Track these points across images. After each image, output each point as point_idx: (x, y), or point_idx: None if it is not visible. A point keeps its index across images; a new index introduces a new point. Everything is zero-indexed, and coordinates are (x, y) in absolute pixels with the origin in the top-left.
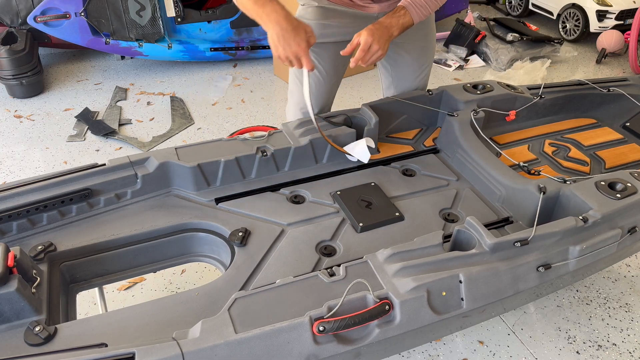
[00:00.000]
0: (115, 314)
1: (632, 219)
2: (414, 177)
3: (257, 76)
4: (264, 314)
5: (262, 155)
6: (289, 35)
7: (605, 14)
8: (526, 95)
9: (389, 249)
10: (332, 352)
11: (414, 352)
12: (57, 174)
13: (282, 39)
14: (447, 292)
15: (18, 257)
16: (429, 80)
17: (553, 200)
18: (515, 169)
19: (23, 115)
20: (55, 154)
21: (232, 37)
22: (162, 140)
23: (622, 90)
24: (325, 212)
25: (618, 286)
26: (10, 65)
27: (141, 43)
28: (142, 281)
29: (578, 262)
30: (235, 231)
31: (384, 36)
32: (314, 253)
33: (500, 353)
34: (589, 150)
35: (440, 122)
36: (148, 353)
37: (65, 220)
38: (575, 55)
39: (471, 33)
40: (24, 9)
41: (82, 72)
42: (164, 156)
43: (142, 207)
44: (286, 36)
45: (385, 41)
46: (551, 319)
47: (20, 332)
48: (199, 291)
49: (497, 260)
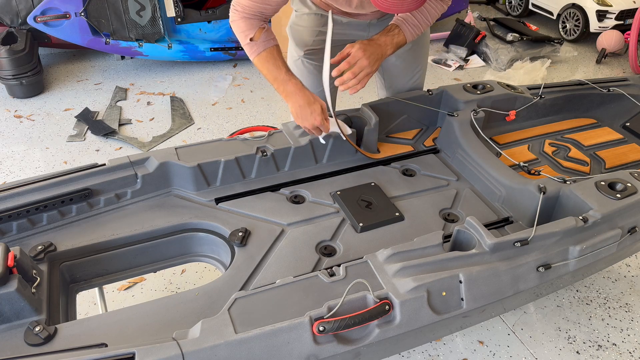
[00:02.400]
0: (115, 314)
1: (632, 219)
2: (414, 177)
3: (257, 76)
4: (264, 314)
5: (262, 155)
6: (307, 111)
7: (605, 14)
8: (526, 95)
9: (389, 249)
10: (332, 352)
11: (414, 352)
12: (57, 174)
13: (301, 113)
14: (447, 292)
15: (18, 257)
16: (429, 81)
17: (553, 200)
18: (515, 169)
19: (23, 115)
20: (55, 154)
21: (232, 37)
22: (162, 140)
23: (622, 90)
24: (325, 212)
25: (618, 286)
26: (10, 65)
27: (141, 43)
28: (142, 281)
29: (578, 262)
30: (235, 231)
31: (376, 54)
32: (314, 253)
33: (500, 353)
34: (589, 150)
35: (440, 122)
36: (148, 353)
37: (65, 220)
38: (575, 55)
39: (471, 33)
40: (24, 9)
41: (82, 72)
42: (164, 156)
43: (142, 207)
44: (304, 112)
45: (376, 59)
46: (551, 319)
47: (20, 332)
48: (199, 291)
49: (497, 260)
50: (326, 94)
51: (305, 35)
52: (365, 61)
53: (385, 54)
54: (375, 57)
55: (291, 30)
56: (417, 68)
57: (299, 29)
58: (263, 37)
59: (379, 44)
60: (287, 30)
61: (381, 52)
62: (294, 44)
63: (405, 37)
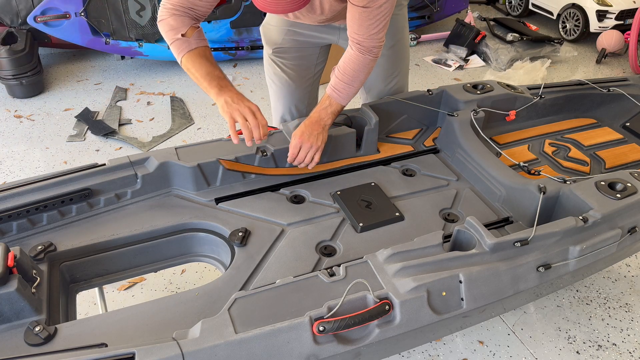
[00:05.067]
0: (115, 314)
1: (632, 219)
2: (414, 177)
3: (257, 76)
4: (264, 314)
5: (262, 155)
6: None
7: (605, 14)
8: (526, 95)
9: (389, 249)
10: (332, 352)
11: (414, 352)
12: (57, 174)
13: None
14: (447, 292)
15: (18, 257)
16: (429, 80)
17: (553, 200)
18: (515, 169)
19: (23, 115)
20: (55, 154)
21: (232, 37)
22: (162, 140)
23: (622, 90)
24: (325, 212)
25: (618, 286)
26: (10, 65)
27: (141, 43)
28: (142, 281)
29: (578, 262)
30: (235, 231)
31: (314, 132)
32: (314, 253)
33: (500, 353)
34: (589, 150)
35: (440, 122)
36: (148, 353)
37: (65, 220)
38: (575, 55)
39: (471, 33)
40: (24, 9)
41: (82, 72)
42: (164, 156)
43: (142, 207)
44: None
45: (316, 135)
46: (551, 319)
47: (20, 332)
48: (199, 291)
49: (497, 260)
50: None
51: (275, 33)
52: (308, 143)
53: (327, 125)
54: (316, 134)
55: (263, 28)
56: (395, 73)
57: (269, 28)
58: (196, 35)
59: (316, 121)
60: (260, 29)
61: (320, 126)
62: (265, 42)
63: (340, 103)
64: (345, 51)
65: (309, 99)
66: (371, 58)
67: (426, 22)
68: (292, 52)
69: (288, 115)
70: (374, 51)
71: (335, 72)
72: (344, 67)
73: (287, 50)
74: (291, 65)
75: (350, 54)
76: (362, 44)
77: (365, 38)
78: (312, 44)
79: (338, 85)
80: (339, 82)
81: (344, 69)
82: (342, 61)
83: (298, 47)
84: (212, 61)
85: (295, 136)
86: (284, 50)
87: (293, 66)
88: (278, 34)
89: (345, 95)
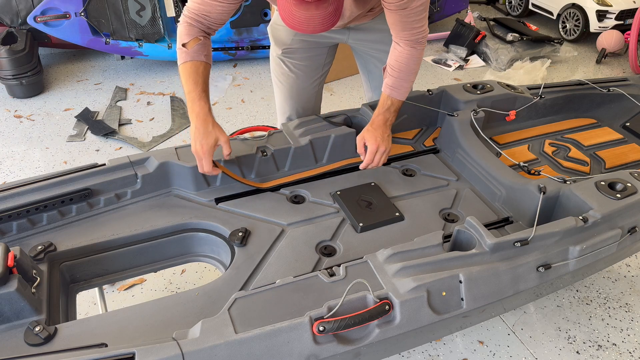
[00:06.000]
0: (115, 314)
1: (632, 219)
2: (414, 177)
3: (257, 76)
4: (264, 314)
5: (262, 155)
6: (199, 137)
7: (605, 14)
8: (526, 95)
9: (389, 249)
10: (332, 352)
11: (414, 352)
12: (57, 174)
13: (194, 136)
14: (447, 292)
15: (18, 257)
16: (429, 80)
17: (553, 200)
18: (515, 169)
19: (23, 115)
20: (55, 154)
21: (232, 37)
22: (162, 140)
23: (622, 90)
24: (325, 212)
25: (618, 286)
26: (10, 65)
27: (141, 43)
28: (142, 281)
29: (578, 262)
30: (235, 231)
31: (385, 134)
32: (314, 253)
33: (500, 353)
34: (589, 150)
35: (440, 122)
36: (148, 353)
37: (65, 220)
38: (575, 55)
39: (471, 33)
40: (24, 9)
41: (82, 72)
42: (164, 156)
43: (142, 207)
44: (197, 136)
45: (387, 138)
46: (551, 319)
47: (20, 332)
48: (199, 291)
49: (497, 260)
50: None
51: (284, 34)
52: (382, 147)
53: (391, 123)
54: (387, 136)
55: (271, 29)
56: None
57: (278, 28)
58: (195, 48)
59: (383, 123)
60: (267, 29)
61: (389, 128)
62: (274, 43)
63: (399, 99)
64: (392, 49)
65: (315, 98)
66: (421, 48)
67: None
68: (301, 52)
69: (295, 115)
70: (422, 41)
71: (388, 71)
72: (398, 65)
73: (296, 50)
74: (300, 65)
75: (400, 51)
76: (410, 39)
77: (412, 35)
78: (321, 44)
79: (395, 83)
80: (396, 80)
81: (399, 66)
82: (394, 59)
83: (307, 47)
84: (197, 79)
85: (370, 143)
86: (293, 51)
87: (302, 66)
88: (287, 34)
89: (404, 90)
